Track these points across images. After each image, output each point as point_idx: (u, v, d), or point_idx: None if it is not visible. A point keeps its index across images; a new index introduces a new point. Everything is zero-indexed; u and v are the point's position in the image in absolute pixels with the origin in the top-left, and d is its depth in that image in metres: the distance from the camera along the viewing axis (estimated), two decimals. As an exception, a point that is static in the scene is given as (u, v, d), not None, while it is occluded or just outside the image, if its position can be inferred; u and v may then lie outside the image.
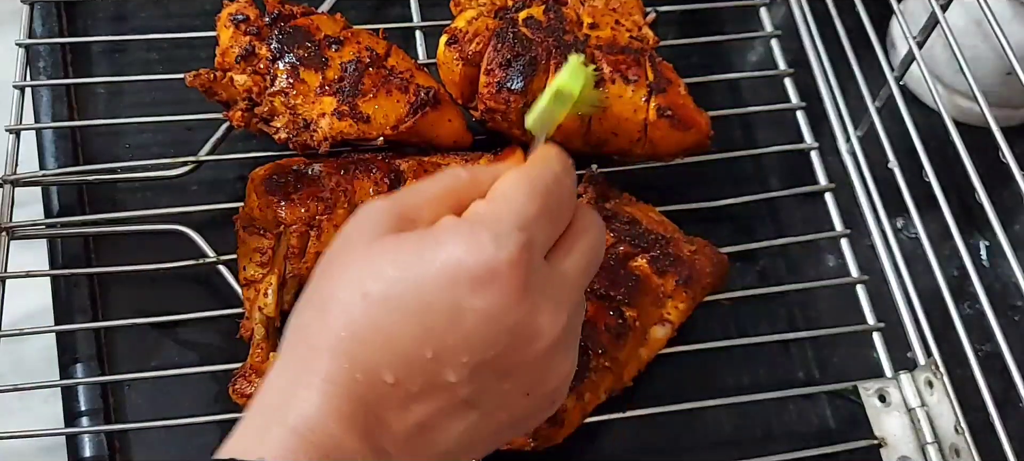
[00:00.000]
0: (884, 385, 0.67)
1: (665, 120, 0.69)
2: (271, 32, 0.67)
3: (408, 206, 0.42)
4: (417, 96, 0.67)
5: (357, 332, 0.38)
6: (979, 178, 0.63)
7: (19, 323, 0.65)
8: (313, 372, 0.38)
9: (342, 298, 0.39)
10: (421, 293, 0.39)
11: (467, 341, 0.39)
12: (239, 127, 0.68)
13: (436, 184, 0.43)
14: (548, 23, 0.68)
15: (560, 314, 0.41)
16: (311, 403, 0.38)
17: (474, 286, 0.38)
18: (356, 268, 0.40)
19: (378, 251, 0.40)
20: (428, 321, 0.38)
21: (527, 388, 0.42)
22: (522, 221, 0.40)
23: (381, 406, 0.39)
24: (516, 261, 0.39)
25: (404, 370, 0.39)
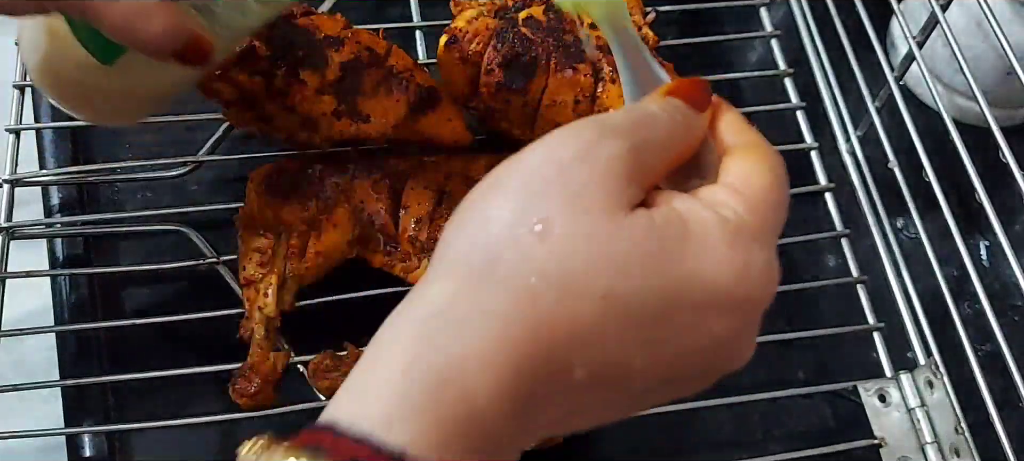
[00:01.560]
0: (884, 385, 0.67)
1: None
2: (271, 32, 0.67)
3: (645, 161, 0.34)
4: (417, 96, 0.67)
5: (576, 332, 0.32)
6: (979, 178, 0.63)
7: (19, 323, 0.65)
8: (498, 357, 0.31)
9: (574, 285, 0.31)
10: (671, 309, 0.33)
11: (679, 358, 0.34)
12: (239, 127, 0.68)
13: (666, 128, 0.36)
14: (548, 23, 0.68)
15: (756, 336, 0.37)
16: (481, 392, 0.30)
17: (728, 313, 0.34)
18: (601, 249, 0.32)
19: (630, 239, 0.32)
20: (658, 333, 0.33)
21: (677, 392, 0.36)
22: (776, 240, 0.35)
23: (549, 395, 0.32)
24: (766, 300, 0.35)
25: (601, 372, 0.32)
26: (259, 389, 0.59)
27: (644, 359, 0.33)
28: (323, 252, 0.63)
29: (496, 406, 0.31)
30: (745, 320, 0.34)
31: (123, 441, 0.64)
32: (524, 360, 0.31)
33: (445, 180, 0.67)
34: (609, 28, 0.40)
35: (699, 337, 0.33)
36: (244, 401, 0.60)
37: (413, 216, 0.65)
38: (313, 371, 0.61)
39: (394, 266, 0.65)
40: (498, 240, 0.32)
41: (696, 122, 0.36)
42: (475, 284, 0.32)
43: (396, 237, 0.65)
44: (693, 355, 0.34)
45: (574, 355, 0.32)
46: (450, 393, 0.30)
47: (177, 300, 0.68)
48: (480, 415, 0.30)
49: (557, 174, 0.33)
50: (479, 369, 0.31)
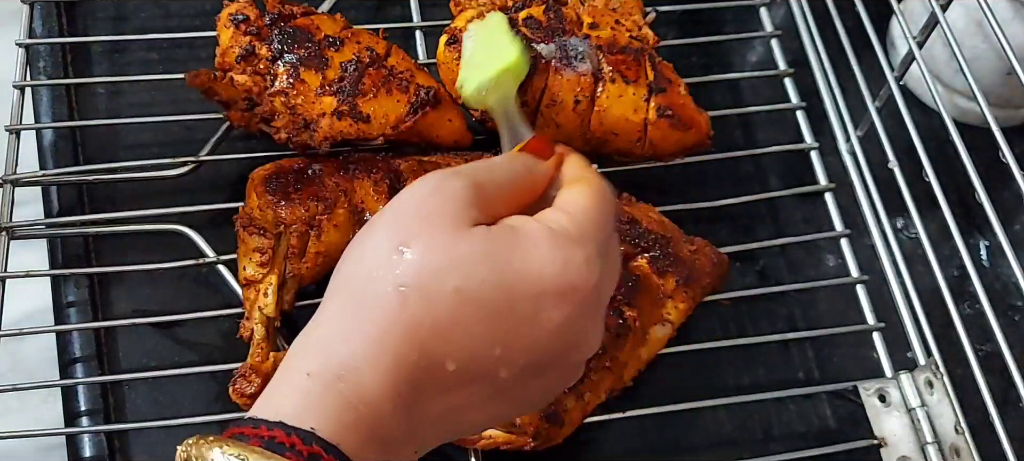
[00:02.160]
0: (884, 385, 0.67)
1: (665, 120, 0.69)
2: (271, 32, 0.67)
3: (487, 194, 0.42)
4: (417, 96, 0.67)
5: (439, 326, 0.39)
6: (979, 178, 0.63)
7: (19, 323, 0.65)
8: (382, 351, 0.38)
9: (430, 287, 0.39)
10: (510, 298, 0.40)
11: (532, 346, 0.41)
12: (239, 127, 0.68)
13: (507, 172, 0.45)
14: (548, 23, 0.68)
15: (601, 325, 0.44)
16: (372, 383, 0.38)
17: (557, 300, 0.40)
18: (449, 258, 0.40)
19: (472, 245, 0.40)
20: (507, 323, 0.40)
21: (553, 384, 0.44)
22: (602, 244, 0.43)
23: (430, 388, 0.39)
24: (598, 285, 0.42)
25: (468, 362, 0.40)
26: (259, 389, 0.59)
27: (502, 348, 0.40)
28: (323, 252, 0.63)
29: (385, 399, 0.38)
30: (579, 308, 0.41)
31: (123, 441, 0.64)
32: (402, 357, 0.38)
33: (445, 180, 0.67)
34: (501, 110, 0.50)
35: (542, 324, 0.41)
36: (244, 401, 0.60)
37: (413, 216, 0.65)
38: (313, 371, 0.61)
39: (394, 266, 0.65)
40: (370, 263, 0.40)
41: (538, 167, 0.46)
42: (357, 300, 0.40)
43: (396, 237, 0.65)
44: (544, 343, 0.41)
45: (442, 348, 0.39)
46: (345, 389, 0.38)
47: (177, 300, 0.68)
48: (373, 408, 0.38)
49: (413, 208, 0.41)
50: (367, 367, 0.38)
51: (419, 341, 0.39)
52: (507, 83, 0.50)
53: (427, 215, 0.40)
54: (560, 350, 0.42)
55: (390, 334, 0.38)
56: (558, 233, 0.42)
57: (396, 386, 0.38)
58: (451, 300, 0.39)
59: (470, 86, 0.51)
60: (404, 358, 0.38)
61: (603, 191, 0.45)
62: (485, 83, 0.50)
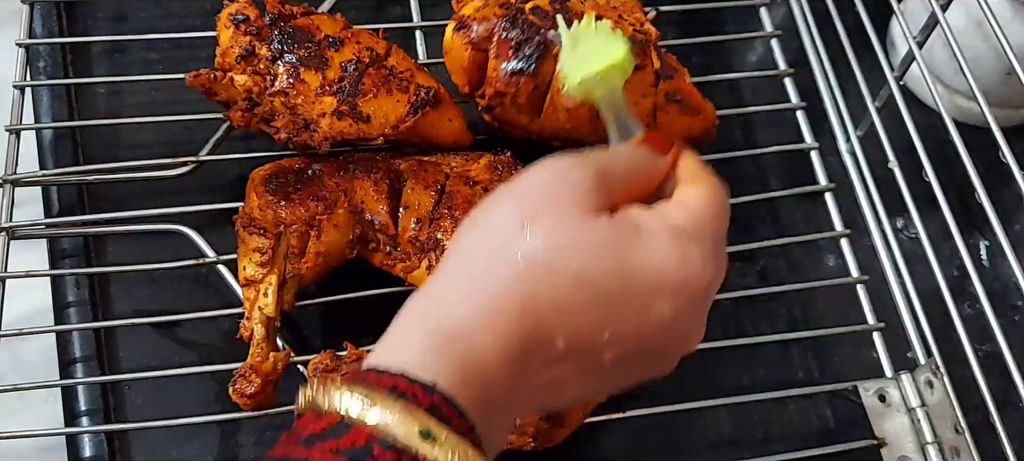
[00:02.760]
0: (884, 385, 0.67)
1: (674, 105, 0.68)
2: (271, 32, 0.67)
3: (609, 182, 0.44)
4: (417, 96, 0.67)
5: (556, 303, 0.40)
6: (979, 178, 0.63)
7: (19, 323, 0.65)
8: (498, 316, 0.40)
9: (554, 264, 0.40)
10: (628, 289, 0.41)
11: (639, 335, 0.42)
12: (239, 127, 0.68)
13: (629, 164, 0.46)
14: (555, 12, 0.68)
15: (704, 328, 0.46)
16: (490, 345, 0.39)
17: (672, 293, 0.42)
18: (574, 240, 0.41)
19: (597, 231, 0.42)
20: (621, 310, 0.41)
21: (649, 372, 0.45)
22: (717, 244, 0.44)
23: (538, 360, 0.41)
24: (711, 284, 0.43)
25: (577, 343, 0.41)
26: (259, 389, 0.59)
27: (611, 333, 0.41)
28: (323, 252, 0.63)
29: (498, 363, 0.39)
30: (689, 302, 0.43)
31: (123, 441, 0.64)
32: (517, 326, 0.40)
33: (445, 180, 0.67)
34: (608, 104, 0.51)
35: (653, 316, 0.42)
36: (244, 401, 0.60)
37: (413, 216, 0.65)
38: (313, 371, 0.61)
39: (394, 266, 0.65)
40: (495, 234, 0.42)
41: (656, 162, 0.47)
42: (477, 267, 0.41)
43: (396, 237, 0.65)
44: (650, 332, 0.42)
45: (555, 324, 0.40)
46: (463, 349, 0.39)
47: (177, 300, 0.68)
48: (486, 370, 0.39)
49: (541, 189, 0.43)
50: (482, 330, 0.39)
51: (535, 314, 0.40)
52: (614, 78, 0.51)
53: (554, 197, 0.42)
54: (665, 342, 0.43)
55: (508, 303, 0.40)
56: (678, 230, 0.43)
57: (508, 352, 0.40)
58: (570, 280, 0.40)
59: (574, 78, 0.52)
60: (519, 328, 0.40)
61: (719, 191, 0.46)
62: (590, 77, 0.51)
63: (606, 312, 0.41)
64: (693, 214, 0.45)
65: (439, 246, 0.64)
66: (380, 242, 0.65)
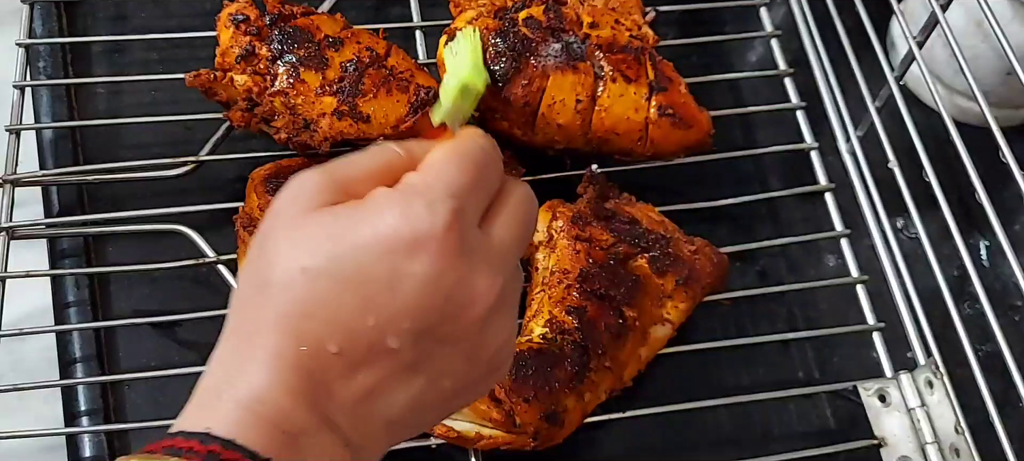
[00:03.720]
0: (884, 385, 0.67)
1: (666, 119, 0.69)
2: (271, 32, 0.67)
3: (342, 178, 0.42)
4: (417, 96, 0.67)
5: (300, 307, 0.39)
6: (979, 178, 0.63)
7: (19, 323, 0.65)
8: (259, 348, 0.39)
9: (282, 274, 0.40)
10: (359, 263, 0.40)
11: (407, 307, 0.40)
12: (239, 127, 0.68)
13: (370, 158, 0.44)
14: (548, 23, 0.68)
15: (495, 278, 0.42)
16: (259, 377, 0.39)
17: (410, 252, 0.40)
18: (293, 242, 0.40)
19: (314, 224, 0.40)
20: (368, 290, 0.39)
21: (467, 354, 0.43)
22: (454, 189, 0.41)
23: (327, 376, 0.40)
24: (450, 226, 0.40)
25: (347, 339, 0.40)
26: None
27: (375, 317, 0.40)
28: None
29: (280, 393, 0.39)
30: (439, 257, 0.40)
31: (123, 441, 0.64)
32: (278, 348, 0.39)
33: (445, 180, 0.67)
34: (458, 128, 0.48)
35: (404, 282, 0.40)
36: (244, 401, 0.60)
37: (413, 216, 0.65)
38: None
39: (394, 266, 0.65)
40: (242, 273, 0.43)
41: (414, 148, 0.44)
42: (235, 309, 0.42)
43: (396, 237, 0.65)
44: (417, 301, 0.40)
45: (314, 330, 0.39)
46: (238, 391, 0.39)
47: (177, 300, 0.68)
48: (271, 405, 0.38)
49: (271, 210, 0.42)
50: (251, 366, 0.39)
51: (290, 329, 0.39)
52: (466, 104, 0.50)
53: (276, 211, 0.41)
54: (442, 307, 0.41)
55: (261, 330, 0.39)
56: (400, 189, 0.41)
57: (286, 378, 0.39)
58: (301, 280, 0.39)
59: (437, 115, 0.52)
60: (281, 349, 0.39)
61: (468, 144, 0.44)
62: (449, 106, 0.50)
63: (355, 297, 0.39)
64: (423, 170, 0.42)
65: (439, 246, 0.64)
66: (380, 242, 0.65)
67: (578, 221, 0.66)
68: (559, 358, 0.60)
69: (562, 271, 0.64)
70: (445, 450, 0.62)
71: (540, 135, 0.69)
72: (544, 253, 0.67)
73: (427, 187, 0.41)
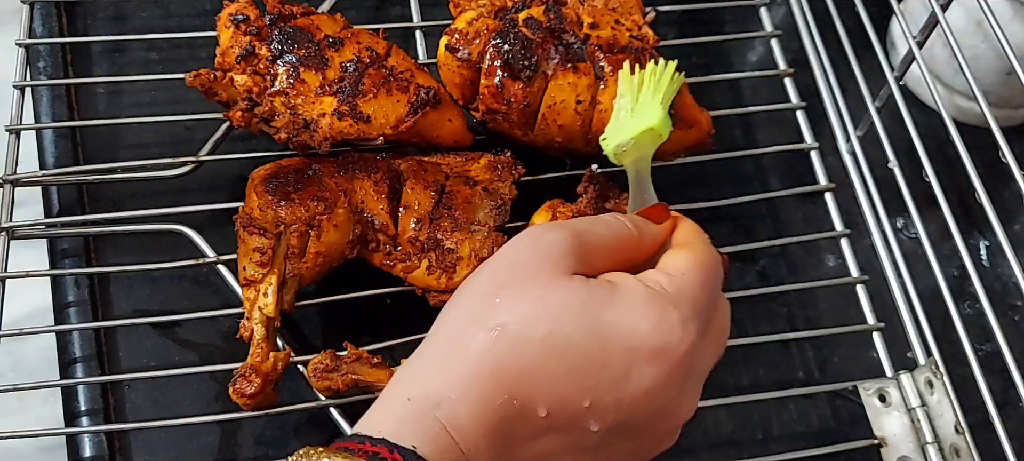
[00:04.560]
0: (884, 385, 0.67)
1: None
2: (271, 32, 0.67)
3: (588, 246, 0.43)
4: (417, 96, 0.67)
5: (528, 371, 0.40)
6: (979, 178, 0.63)
7: (19, 323, 0.65)
8: (472, 389, 0.40)
9: (519, 333, 0.40)
10: (603, 350, 0.41)
11: (622, 403, 0.41)
12: (239, 127, 0.68)
13: (608, 229, 0.45)
14: (548, 23, 0.68)
15: (697, 397, 0.45)
16: (464, 413, 0.40)
17: (651, 359, 0.41)
18: (539, 302, 0.41)
19: (565, 293, 0.41)
20: (599, 376, 0.41)
21: (644, 449, 0.45)
22: (699, 308, 0.43)
23: (521, 432, 0.41)
24: (692, 348, 0.42)
25: (558, 410, 0.41)
26: (259, 389, 0.59)
27: (591, 400, 0.41)
28: (323, 252, 0.63)
29: (478, 433, 0.40)
30: (672, 370, 0.42)
31: (123, 441, 0.64)
32: (490, 396, 0.40)
33: (445, 180, 0.67)
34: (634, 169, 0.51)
35: (633, 382, 0.41)
36: (244, 401, 0.60)
37: (413, 216, 0.65)
38: (313, 371, 0.61)
39: (394, 266, 0.65)
40: (471, 306, 0.43)
41: (647, 228, 0.47)
42: (453, 339, 0.42)
43: (396, 237, 0.65)
44: (634, 402, 0.41)
45: (530, 392, 0.40)
46: (441, 416, 0.39)
47: (177, 300, 0.68)
48: (467, 439, 0.39)
49: (514, 256, 0.43)
50: (458, 398, 0.40)
51: (508, 383, 0.40)
52: (646, 145, 0.51)
53: (525, 264, 0.42)
54: (651, 413, 0.42)
55: (478, 373, 0.40)
56: (655, 292, 0.42)
57: (487, 423, 0.40)
58: (539, 346, 0.40)
59: (611, 143, 0.52)
60: (492, 397, 0.40)
61: (708, 258, 0.46)
62: (625, 143, 0.51)
63: (583, 377, 0.40)
64: (673, 277, 0.43)
65: (439, 246, 0.64)
66: (380, 242, 0.65)
67: (578, 221, 0.66)
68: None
69: (562, 271, 0.64)
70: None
71: (540, 135, 0.69)
72: (544, 253, 0.67)
73: (680, 299, 0.42)
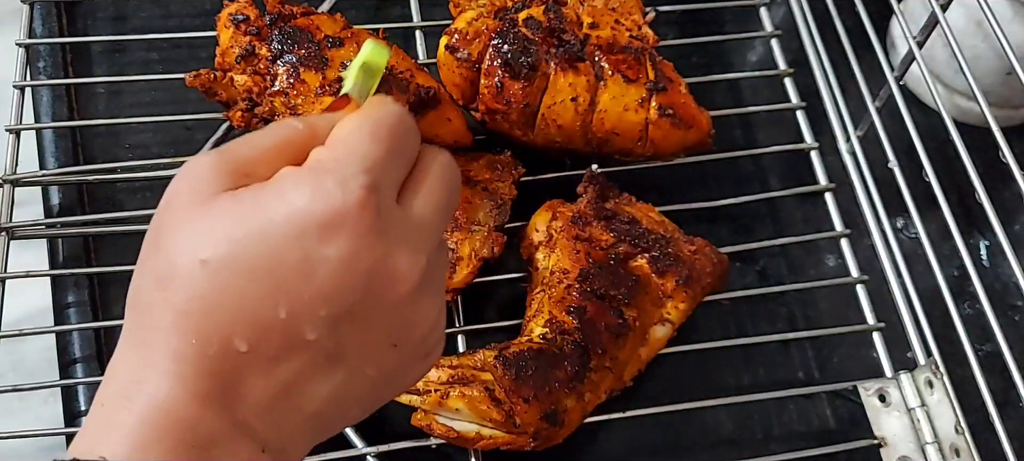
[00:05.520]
0: (884, 385, 0.67)
1: (666, 119, 0.69)
2: (271, 32, 0.67)
3: (240, 160, 0.39)
4: (417, 96, 0.67)
5: (202, 304, 0.36)
6: (979, 178, 0.63)
7: (19, 323, 0.65)
8: (159, 353, 0.36)
9: (180, 268, 0.36)
10: (268, 249, 0.36)
11: (322, 293, 0.37)
12: (239, 127, 0.68)
13: (270, 135, 0.40)
14: (548, 23, 0.68)
15: (418, 256, 0.39)
16: (161, 387, 0.36)
17: (323, 234, 0.36)
18: (191, 232, 0.37)
19: (214, 211, 0.37)
20: (278, 278, 0.36)
21: (393, 338, 0.40)
22: (367, 163, 0.38)
23: (238, 376, 0.37)
24: (364, 203, 0.37)
25: (258, 335, 0.36)
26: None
27: (287, 306, 0.36)
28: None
29: (186, 401, 0.35)
30: (355, 236, 0.37)
31: (123, 441, 0.64)
32: (181, 351, 0.36)
33: (445, 180, 0.67)
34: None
35: (317, 265, 0.36)
36: (244, 401, 0.60)
37: (413, 216, 0.65)
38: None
39: (394, 266, 0.65)
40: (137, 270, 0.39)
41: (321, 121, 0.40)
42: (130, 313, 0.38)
43: (396, 237, 0.65)
44: (334, 285, 0.37)
45: (220, 327, 0.36)
46: (137, 406, 0.35)
47: (177, 300, 0.68)
48: (175, 415, 0.35)
49: (166, 200, 0.39)
50: (152, 375, 0.36)
51: (192, 328, 0.36)
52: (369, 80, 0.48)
53: (169, 201, 0.38)
54: (361, 290, 0.37)
55: (159, 333, 0.36)
56: (308, 166, 0.38)
57: (191, 383, 0.36)
58: (203, 274, 0.36)
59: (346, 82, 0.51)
60: (182, 352, 0.36)
61: (380, 113, 0.40)
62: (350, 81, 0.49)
63: (264, 286, 0.36)
64: (332, 143, 0.39)
65: (439, 246, 0.64)
66: (380, 242, 0.65)
67: (578, 221, 0.66)
68: (559, 358, 0.60)
69: (562, 271, 0.64)
70: (445, 450, 0.62)
71: (540, 135, 0.69)
72: (544, 253, 0.67)
73: (337, 163, 0.37)
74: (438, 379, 0.59)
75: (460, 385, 0.58)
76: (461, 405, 0.58)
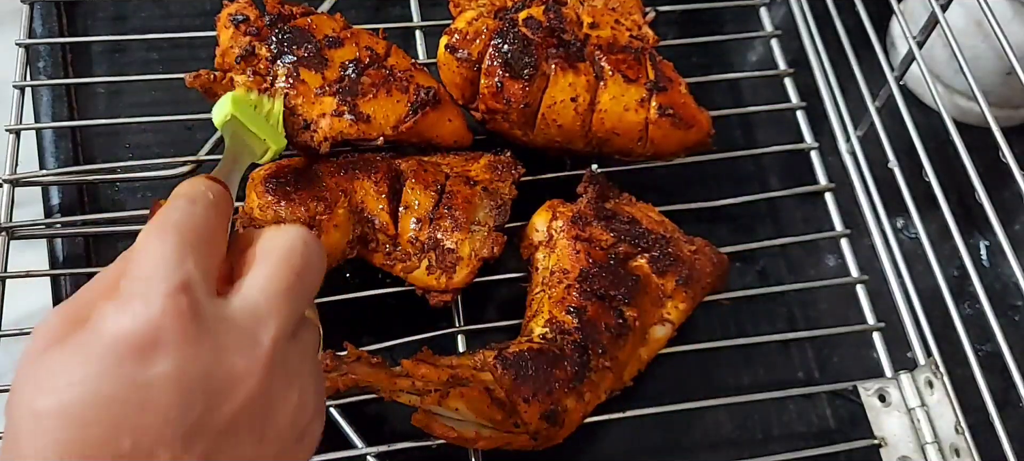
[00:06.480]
0: (884, 385, 0.67)
1: (666, 119, 0.69)
2: (271, 32, 0.67)
3: (78, 305, 0.38)
4: (417, 96, 0.67)
5: (44, 456, 0.35)
6: (979, 178, 0.63)
7: (19, 323, 0.65)
8: None
9: (21, 424, 0.36)
10: (95, 389, 0.35)
11: (163, 415, 0.35)
12: (239, 127, 0.68)
13: (99, 277, 0.40)
14: (548, 23, 0.68)
15: (256, 348, 0.38)
16: None
17: (143, 357, 0.35)
18: (25, 386, 0.36)
19: (45, 362, 0.36)
20: (113, 414, 0.35)
21: (256, 434, 0.38)
22: (165, 268, 0.37)
23: None
24: (175, 312, 0.36)
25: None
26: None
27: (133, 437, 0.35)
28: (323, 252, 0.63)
29: None
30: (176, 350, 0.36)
31: (123, 441, 0.64)
32: None
33: (445, 180, 0.67)
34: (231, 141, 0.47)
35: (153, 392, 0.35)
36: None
37: (413, 216, 0.65)
38: (313, 371, 0.61)
39: (394, 266, 0.65)
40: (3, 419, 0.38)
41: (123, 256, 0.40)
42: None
43: (396, 237, 0.65)
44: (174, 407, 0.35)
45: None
46: None
47: (177, 300, 0.68)
48: None
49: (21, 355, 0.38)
50: None
51: None
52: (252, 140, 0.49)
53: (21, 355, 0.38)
54: (204, 398, 0.36)
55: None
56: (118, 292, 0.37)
57: None
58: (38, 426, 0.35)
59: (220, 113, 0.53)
60: None
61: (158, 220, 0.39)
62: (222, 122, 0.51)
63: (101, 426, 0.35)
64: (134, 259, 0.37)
65: (439, 246, 0.64)
66: (380, 242, 0.65)
67: (578, 221, 0.66)
68: (559, 358, 0.60)
69: (562, 271, 0.64)
70: (445, 450, 0.62)
71: (540, 135, 0.69)
72: (544, 253, 0.67)
73: (136, 279, 0.36)
74: (438, 379, 0.59)
75: (460, 385, 0.58)
76: (461, 405, 0.58)
